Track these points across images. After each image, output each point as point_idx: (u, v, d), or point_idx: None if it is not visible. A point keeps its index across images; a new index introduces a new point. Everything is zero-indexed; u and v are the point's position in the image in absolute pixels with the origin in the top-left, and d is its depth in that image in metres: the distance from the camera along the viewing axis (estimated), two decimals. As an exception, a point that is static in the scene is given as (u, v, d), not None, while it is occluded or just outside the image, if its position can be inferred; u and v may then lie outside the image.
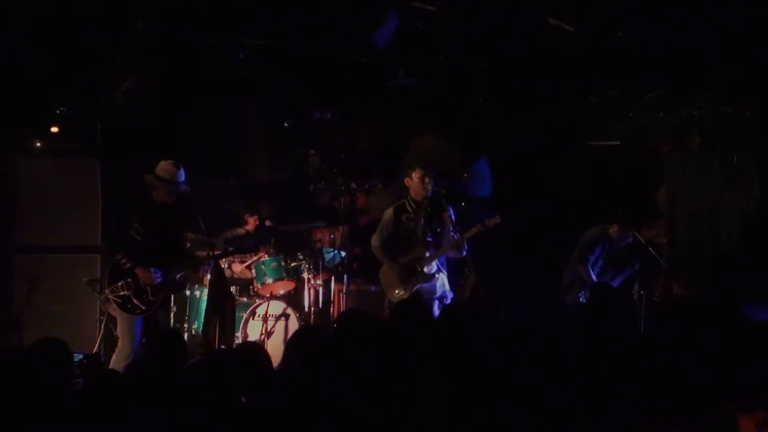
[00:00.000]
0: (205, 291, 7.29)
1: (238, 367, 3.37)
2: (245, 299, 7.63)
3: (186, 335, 7.19)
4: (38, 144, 7.40)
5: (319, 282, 7.85)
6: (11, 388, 3.30)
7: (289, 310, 7.44)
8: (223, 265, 7.39)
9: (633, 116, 7.15)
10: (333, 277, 7.97)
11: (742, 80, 6.05)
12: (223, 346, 6.26)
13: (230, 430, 3.13)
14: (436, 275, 6.54)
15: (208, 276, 7.28)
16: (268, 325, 7.37)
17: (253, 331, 7.37)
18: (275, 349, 7.13)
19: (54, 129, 7.32)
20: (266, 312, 7.39)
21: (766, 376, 2.86)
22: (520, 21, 5.89)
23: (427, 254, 6.49)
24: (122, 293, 5.80)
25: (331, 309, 7.93)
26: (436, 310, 6.38)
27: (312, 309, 7.75)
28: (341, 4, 5.81)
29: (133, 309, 5.81)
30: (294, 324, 7.33)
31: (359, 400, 3.17)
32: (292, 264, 7.79)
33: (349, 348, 3.45)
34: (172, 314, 6.67)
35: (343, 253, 7.99)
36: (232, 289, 7.67)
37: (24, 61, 6.35)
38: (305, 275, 7.79)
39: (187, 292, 7.14)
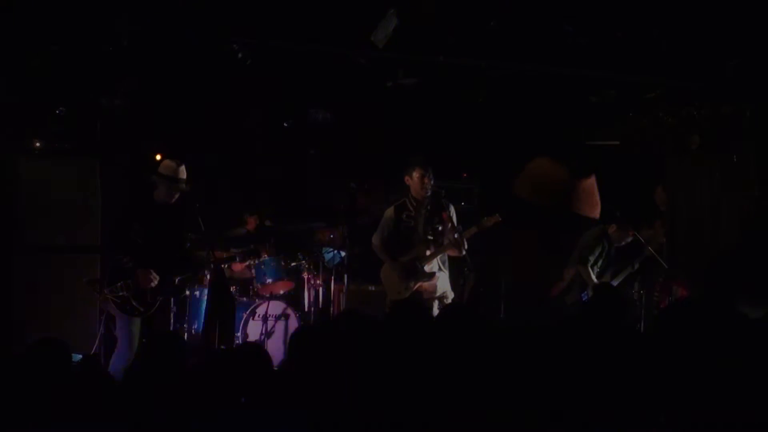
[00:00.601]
0: (205, 291, 7.30)
1: (238, 367, 3.37)
2: (245, 299, 7.63)
3: (186, 335, 7.20)
4: (38, 144, 7.40)
5: (319, 282, 7.85)
6: (11, 388, 3.30)
7: (289, 310, 7.45)
8: (223, 265, 7.41)
9: (633, 116, 7.15)
10: (333, 277, 7.97)
11: (742, 80, 6.06)
12: (223, 347, 6.27)
13: (230, 431, 3.13)
14: (437, 274, 6.54)
15: (208, 277, 7.30)
16: (268, 325, 7.38)
17: (253, 331, 7.38)
18: (275, 349, 7.14)
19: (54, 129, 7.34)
20: (266, 312, 7.39)
21: None
22: (520, 21, 5.90)
23: (428, 253, 6.50)
24: (121, 294, 5.79)
25: (331, 309, 7.93)
26: (436, 310, 6.38)
27: (312, 309, 7.76)
28: (341, 4, 5.82)
29: (132, 310, 5.81)
30: (294, 324, 7.34)
31: (358, 400, 3.17)
32: (292, 264, 7.79)
33: (347, 348, 3.45)
34: (172, 314, 6.66)
35: (343, 253, 7.99)
36: (232, 289, 7.69)
37: (24, 61, 6.35)
38: (305, 275, 7.79)
39: (187, 292, 7.14)
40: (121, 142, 7.53)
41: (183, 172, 5.95)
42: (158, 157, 7.38)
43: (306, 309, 7.70)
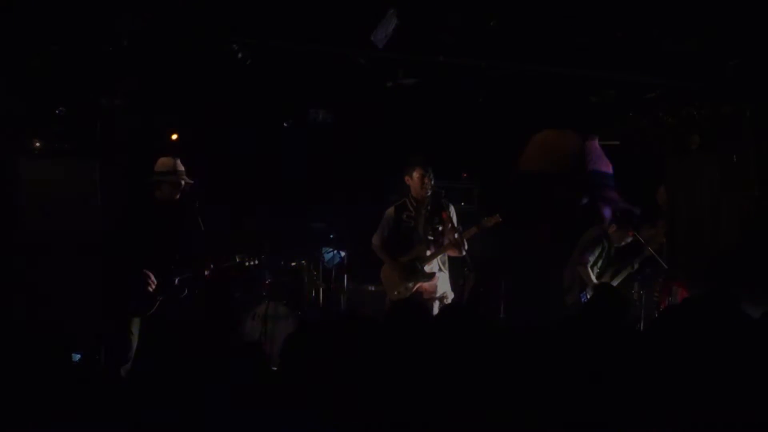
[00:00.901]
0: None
1: (238, 366, 3.37)
2: (245, 299, 7.63)
3: (185, 335, 7.18)
4: (38, 144, 7.40)
5: (319, 282, 7.84)
6: (11, 388, 3.31)
7: (289, 310, 7.44)
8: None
9: (633, 116, 7.15)
10: (333, 277, 7.97)
11: (742, 80, 6.06)
12: (222, 346, 6.26)
13: (230, 431, 3.13)
14: (437, 274, 6.54)
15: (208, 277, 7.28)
16: (268, 326, 7.37)
17: (253, 331, 7.37)
18: (275, 349, 7.12)
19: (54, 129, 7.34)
20: (266, 312, 7.38)
21: None
22: (520, 21, 5.91)
23: (428, 253, 6.50)
24: (122, 294, 5.80)
25: (331, 309, 7.93)
26: (436, 310, 6.38)
27: (312, 309, 7.75)
28: (341, 4, 5.82)
29: (132, 311, 5.82)
30: (294, 324, 7.32)
31: (357, 400, 3.17)
32: (292, 264, 7.79)
33: (347, 348, 3.45)
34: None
35: (343, 253, 7.99)
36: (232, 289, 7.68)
37: (24, 61, 6.35)
38: (305, 275, 7.79)
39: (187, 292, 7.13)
40: (121, 142, 7.53)
41: (180, 165, 5.98)
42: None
43: (306, 309, 7.69)
